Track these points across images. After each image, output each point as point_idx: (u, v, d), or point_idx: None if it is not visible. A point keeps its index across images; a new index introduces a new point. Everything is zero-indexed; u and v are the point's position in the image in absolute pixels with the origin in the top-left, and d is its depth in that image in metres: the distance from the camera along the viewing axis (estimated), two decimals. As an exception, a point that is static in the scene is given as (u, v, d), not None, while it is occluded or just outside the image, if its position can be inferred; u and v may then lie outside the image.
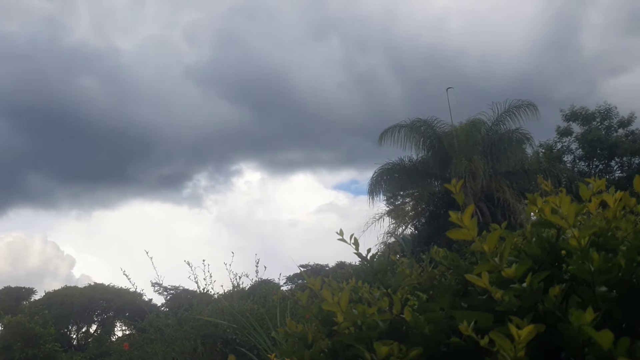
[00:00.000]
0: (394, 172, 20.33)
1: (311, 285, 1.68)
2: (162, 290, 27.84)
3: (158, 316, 10.44)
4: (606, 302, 1.17)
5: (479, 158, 17.98)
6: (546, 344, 1.14)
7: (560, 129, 24.90)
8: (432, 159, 19.82)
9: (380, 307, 1.43)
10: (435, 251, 1.76)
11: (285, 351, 1.59)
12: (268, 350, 4.93)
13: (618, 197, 1.36)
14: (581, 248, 1.20)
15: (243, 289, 9.33)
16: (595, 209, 1.41)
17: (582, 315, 1.05)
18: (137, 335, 11.43)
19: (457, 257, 1.58)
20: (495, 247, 1.23)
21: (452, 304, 1.31)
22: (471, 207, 1.25)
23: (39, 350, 13.39)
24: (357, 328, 1.37)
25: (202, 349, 8.18)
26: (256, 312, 6.83)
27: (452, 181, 1.42)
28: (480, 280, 1.17)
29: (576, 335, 1.07)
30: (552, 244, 1.33)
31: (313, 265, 32.61)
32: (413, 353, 1.22)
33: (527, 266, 1.19)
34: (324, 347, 1.50)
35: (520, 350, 1.02)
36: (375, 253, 1.77)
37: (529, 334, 1.02)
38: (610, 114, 24.32)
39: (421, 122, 19.76)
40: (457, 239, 1.28)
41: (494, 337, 1.04)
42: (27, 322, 13.64)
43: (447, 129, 19.70)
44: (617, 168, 24.66)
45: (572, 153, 24.93)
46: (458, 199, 1.39)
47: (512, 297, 1.17)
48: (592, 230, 1.24)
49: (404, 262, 1.80)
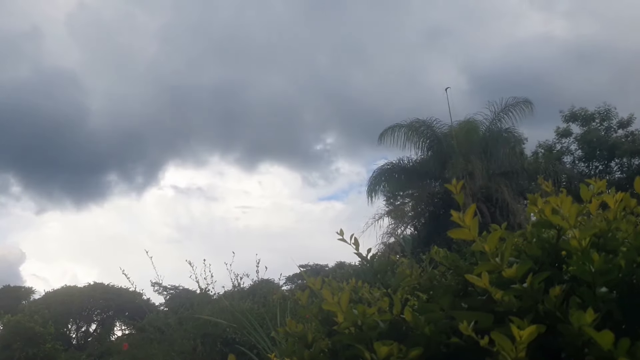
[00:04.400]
0: (393, 173, 20.34)
1: (311, 285, 1.68)
2: (161, 290, 27.85)
3: (158, 316, 10.46)
4: (606, 303, 1.17)
5: (476, 158, 17.99)
6: (546, 344, 1.14)
7: (560, 129, 24.92)
8: (432, 159, 19.83)
9: (381, 307, 1.43)
10: (435, 251, 1.76)
11: (285, 351, 1.59)
12: (268, 349, 4.93)
13: (619, 198, 1.36)
14: (582, 249, 1.20)
15: (243, 289, 9.34)
16: (595, 210, 1.41)
17: (582, 316, 1.05)
18: (136, 335, 11.43)
19: (457, 258, 1.58)
20: (496, 248, 1.23)
21: (452, 304, 1.31)
22: (473, 207, 1.25)
23: (38, 349, 13.41)
24: (357, 328, 1.37)
25: (202, 348, 8.19)
26: (256, 312, 6.83)
27: (453, 181, 1.42)
28: (481, 281, 1.17)
29: (576, 336, 1.07)
30: (552, 244, 1.33)
31: (313, 265, 32.61)
32: (413, 353, 1.22)
33: (528, 267, 1.19)
34: (324, 347, 1.50)
35: (521, 351, 1.02)
36: (376, 253, 1.77)
37: (531, 335, 1.02)
38: (609, 114, 24.33)
39: (420, 123, 19.78)
40: (457, 238, 1.28)
41: (495, 338, 1.04)
42: (27, 321, 13.66)
43: (446, 129, 19.73)
44: (617, 169, 24.65)
45: (571, 154, 24.94)
46: (458, 199, 1.39)
47: (512, 298, 1.17)
48: (593, 231, 1.25)
49: (404, 263, 1.80)
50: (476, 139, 19.29)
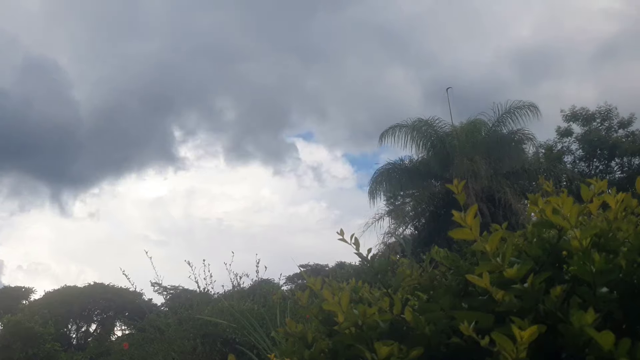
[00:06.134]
0: (394, 172, 20.34)
1: (311, 285, 1.67)
2: (161, 290, 27.85)
3: (158, 316, 10.46)
4: (607, 303, 1.17)
5: (480, 158, 17.99)
6: (547, 344, 1.13)
7: (561, 129, 24.92)
8: (433, 159, 19.83)
9: (381, 307, 1.42)
10: (436, 251, 1.75)
11: (285, 351, 1.59)
12: (268, 350, 4.93)
13: (619, 198, 1.35)
14: (582, 249, 1.20)
15: (243, 289, 9.34)
16: (596, 210, 1.41)
17: (583, 316, 1.05)
18: (136, 335, 11.43)
19: (458, 258, 1.57)
20: (496, 248, 1.23)
21: (452, 304, 1.31)
22: (474, 207, 1.25)
23: (38, 349, 13.41)
24: (357, 328, 1.36)
25: (201, 348, 8.19)
26: (256, 312, 6.83)
27: (454, 181, 1.42)
28: (481, 281, 1.17)
29: (577, 336, 1.07)
30: (553, 244, 1.33)
31: (313, 265, 32.61)
32: (413, 353, 1.22)
33: (529, 267, 1.19)
34: (324, 347, 1.50)
35: (522, 351, 1.02)
36: (376, 253, 1.77)
37: (532, 335, 1.01)
38: (610, 114, 24.35)
39: (422, 122, 19.79)
40: (458, 238, 1.28)
41: (496, 338, 1.04)
42: (27, 321, 13.67)
43: (448, 129, 19.73)
44: (617, 169, 24.67)
45: (572, 154, 24.95)
46: (460, 199, 1.39)
47: (513, 298, 1.17)
48: (594, 231, 1.24)
49: (404, 262, 1.80)
50: (480, 139, 19.30)
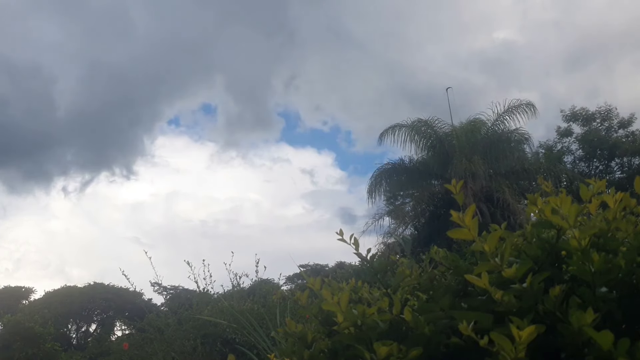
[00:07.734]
0: (393, 173, 20.34)
1: (311, 285, 1.68)
2: (161, 290, 27.85)
3: (158, 316, 10.46)
4: (606, 303, 1.17)
5: (479, 158, 17.99)
6: (546, 344, 1.13)
7: (561, 129, 24.93)
8: (433, 159, 19.84)
9: (380, 307, 1.42)
10: (435, 251, 1.75)
11: (285, 351, 1.59)
12: (268, 350, 4.93)
13: (618, 198, 1.35)
14: (581, 249, 1.20)
15: (243, 289, 9.34)
16: (595, 210, 1.41)
17: (582, 316, 1.05)
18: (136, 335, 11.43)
19: (457, 258, 1.57)
20: (495, 248, 1.23)
21: (452, 304, 1.31)
22: (472, 207, 1.25)
23: (38, 349, 13.39)
24: (357, 328, 1.37)
25: (201, 348, 8.19)
26: (256, 312, 6.83)
27: (453, 181, 1.42)
28: (480, 281, 1.17)
29: (576, 336, 1.07)
30: (552, 244, 1.33)
31: (313, 265, 32.60)
32: (413, 353, 1.22)
33: (528, 267, 1.19)
34: (323, 347, 1.50)
35: (521, 351, 1.02)
36: (375, 253, 1.77)
37: (530, 335, 1.02)
38: (610, 114, 24.35)
39: (422, 123, 19.79)
40: (457, 238, 1.28)
41: (494, 338, 1.04)
42: (27, 321, 13.65)
43: (447, 129, 19.73)
44: (617, 169, 24.67)
45: (572, 154, 24.95)
46: (458, 199, 1.39)
47: (512, 298, 1.17)
48: (593, 231, 1.24)
49: (404, 263, 1.80)
50: (479, 139, 19.30)
